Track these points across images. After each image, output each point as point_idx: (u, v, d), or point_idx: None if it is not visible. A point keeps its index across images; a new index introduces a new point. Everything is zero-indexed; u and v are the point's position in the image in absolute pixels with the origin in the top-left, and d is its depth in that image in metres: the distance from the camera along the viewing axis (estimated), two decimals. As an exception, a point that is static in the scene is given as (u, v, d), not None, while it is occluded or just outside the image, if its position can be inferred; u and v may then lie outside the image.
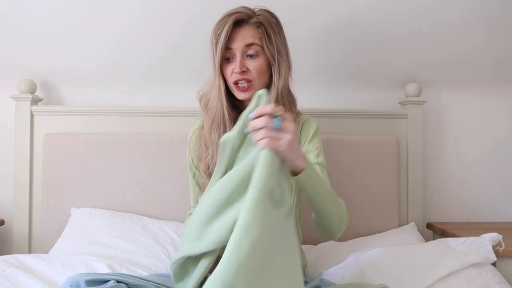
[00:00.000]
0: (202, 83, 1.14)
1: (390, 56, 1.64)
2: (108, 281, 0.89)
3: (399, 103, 1.73)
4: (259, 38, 1.04)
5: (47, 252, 1.42)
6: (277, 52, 1.05)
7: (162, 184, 1.57)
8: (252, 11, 1.06)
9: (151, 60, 1.63)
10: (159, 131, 1.62)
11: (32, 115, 1.61)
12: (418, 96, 1.68)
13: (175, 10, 1.45)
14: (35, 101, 1.64)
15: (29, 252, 1.59)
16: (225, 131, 1.04)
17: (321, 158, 1.09)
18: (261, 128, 0.74)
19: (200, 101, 1.13)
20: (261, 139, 0.73)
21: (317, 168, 1.07)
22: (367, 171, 1.61)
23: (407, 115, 1.68)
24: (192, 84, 1.68)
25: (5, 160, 1.68)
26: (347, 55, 1.63)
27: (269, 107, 0.75)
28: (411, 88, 1.67)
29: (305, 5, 1.44)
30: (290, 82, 1.11)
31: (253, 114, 0.76)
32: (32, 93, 1.61)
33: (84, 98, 1.72)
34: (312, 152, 1.09)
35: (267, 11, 1.07)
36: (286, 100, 1.08)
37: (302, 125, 1.13)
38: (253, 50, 1.03)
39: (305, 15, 1.47)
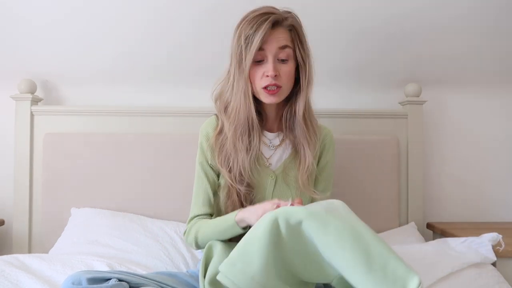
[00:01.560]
0: (215, 82, 1.09)
1: (390, 56, 1.64)
2: (110, 279, 0.89)
3: (399, 103, 1.73)
4: (291, 41, 1.02)
5: (47, 252, 1.42)
6: (307, 57, 1.04)
7: (162, 184, 1.57)
8: (281, 13, 1.02)
9: (152, 60, 1.63)
10: (159, 131, 1.62)
11: (32, 115, 1.61)
12: (418, 96, 1.68)
13: (178, 11, 1.45)
14: (35, 101, 1.64)
15: (29, 252, 1.59)
16: (252, 137, 1.02)
17: (328, 190, 1.14)
18: None
19: (215, 102, 1.09)
20: None
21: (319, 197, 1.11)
22: (367, 171, 1.61)
23: (407, 115, 1.68)
24: (194, 83, 1.69)
25: (5, 160, 1.68)
26: (346, 55, 1.63)
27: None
28: (411, 88, 1.67)
29: (303, 4, 1.44)
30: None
31: None
32: (32, 93, 1.61)
33: (84, 98, 1.72)
34: (320, 183, 1.13)
35: (291, 12, 1.05)
36: (309, 112, 1.09)
37: (323, 139, 1.14)
38: (286, 53, 1.00)
39: (304, 15, 1.47)
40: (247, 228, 0.94)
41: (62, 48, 1.57)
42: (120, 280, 0.89)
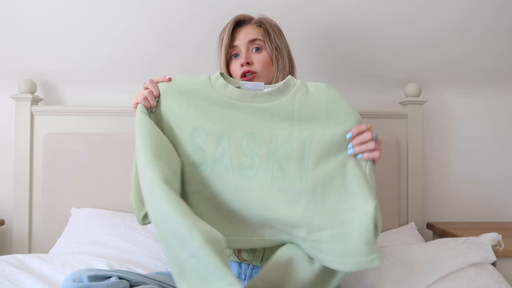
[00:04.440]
0: None
1: (390, 56, 1.64)
2: (110, 277, 0.89)
3: (399, 103, 1.73)
4: (261, 35, 1.10)
5: (47, 252, 1.42)
6: (276, 50, 1.10)
7: (162, 184, 1.56)
8: (248, 15, 1.15)
9: (152, 60, 1.63)
10: (159, 131, 1.62)
11: (32, 115, 1.62)
12: (418, 96, 1.68)
13: (173, 9, 1.46)
14: (35, 101, 1.64)
15: (29, 252, 1.59)
16: None
17: None
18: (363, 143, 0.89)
19: None
20: (371, 151, 0.90)
21: None
22: (367, 171, 1.61)
23: (407, 115, 1.68)
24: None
25: (5, 160, 1.68)
26: (346, 55, 1.63)
27: (365, 126, 0.90)
28: (411, 88, 1.67)
29: (304, 6, 1.44)
30: None
31: (350, 135, 0.89)
32: (32, 93, 1.62)
33: (84, 98, 1.73)
34: None
35: (264, 16, 1.15)
36: None
37: None
38: (256, 45, 1.09)
39: (304, 17, 1.47)
40: None
41: (62, 48, 1.57)
42: (120, 278, 0.90)
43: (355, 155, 0.90)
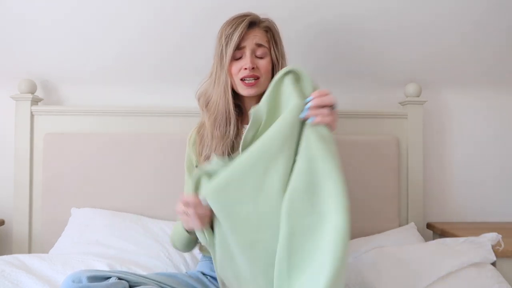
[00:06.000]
0: (199, 83, 1.16)
1: (390, 56, 1.64)
2: (110, 277, 0.89)
3: (399, 103, 1.73)
4: (267, 41, 1.10)
5: (47, 252, 1.42)
6: (281, 57, 1.12)
7: (162, 184, 1.57)
8: (258, 16, 1.11)
9: (152, 60, 1.63)
10: (159, 131, 1.62)
11: (32, 115, 1.62)
12: (418, 96, 1.68)
13: (178, 11, 1.46)
14: (35, 101, 1.64)
15: (29, 252, 1.59)
16: (229, 126, 1.07)
17: None
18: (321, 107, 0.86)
19: (198, 100, 1.16)
20: (324, 118, 0.86)
21: None
22: (367, 171, 1.61)
23: (407, 115, 1.68)
24: (193, 84, 1.68)
25: (5, 160, 1.68)
26: (346, 55, 1.63)
27: (326, 91, 0.88)
28: (411, 88, 1.67)
29: (304, 5, 1.44)
30: None
31: (310, 98, 0.87)
32: (32, 93, 1.62)
33: (84, 98, 1.72)
34: None
35: (269, 18, 1.13)
36: None
37: None
38: (262, 51, 1.08)
39: (304, 14, 1.47)
40: (191, 232, 1.01)
41: (62, 48, 1.57)
42: (119, 278, 0.90)
43: (306, 118, 0.87)
